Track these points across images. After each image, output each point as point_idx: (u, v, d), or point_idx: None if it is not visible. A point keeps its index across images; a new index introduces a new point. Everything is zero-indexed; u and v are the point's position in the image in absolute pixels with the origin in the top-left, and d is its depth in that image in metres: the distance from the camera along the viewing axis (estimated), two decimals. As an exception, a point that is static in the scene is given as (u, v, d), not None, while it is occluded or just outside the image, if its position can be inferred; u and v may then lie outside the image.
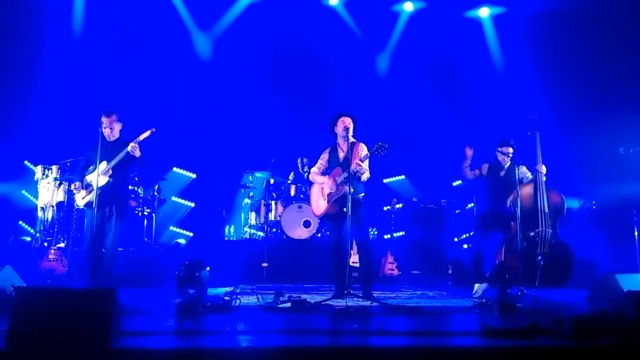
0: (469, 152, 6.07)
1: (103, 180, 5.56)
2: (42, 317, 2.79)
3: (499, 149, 5.93)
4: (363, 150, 5.37)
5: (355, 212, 5.19)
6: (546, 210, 5.44)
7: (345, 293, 5.01)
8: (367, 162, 5.27)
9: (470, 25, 10.00)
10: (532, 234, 5.37)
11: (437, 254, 8.07)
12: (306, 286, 6.92)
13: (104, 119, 5.71)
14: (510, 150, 5.89)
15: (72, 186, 5.88)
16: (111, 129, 5.70)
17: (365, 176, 5.32)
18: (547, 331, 3.23)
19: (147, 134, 5.67)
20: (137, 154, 5.56)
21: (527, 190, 5.52)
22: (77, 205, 6.15)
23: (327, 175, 5.50)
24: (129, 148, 5.52)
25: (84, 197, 5.69)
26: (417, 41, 9.93)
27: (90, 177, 5.65)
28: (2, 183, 8.42)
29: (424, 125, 9.64)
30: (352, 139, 5.39)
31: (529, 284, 5.07)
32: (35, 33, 8.83)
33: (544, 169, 5.64)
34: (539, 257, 5.22)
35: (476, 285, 5.77)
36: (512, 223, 5.51)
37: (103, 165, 5.58)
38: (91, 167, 5.64)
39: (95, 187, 5.44)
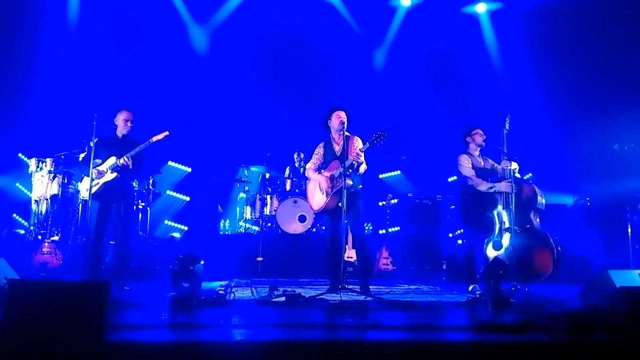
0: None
1: (111, 175, 5.60)
2: (35, 309, 2.78)
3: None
4: (358, 142, 5.38)
5: (353, 204, 5.19)
6: (512, 207, 5.38)
7: (339, 287, 5.01)
8: (363, 154, 5.28)
9: (467, 21, 10.01)
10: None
11: (431, 249, 8.09)
12: (301, 280, 6.92)
13: (125, 114, 5.75)
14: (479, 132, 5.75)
15: (83, 182, 5.83)
16: (131, 123, 5.75)
17: (363, 168, 5.32)
18: (541, 326, 3.24)
19: (161, 136, 5.72)
20: (130, 166, 5.59)
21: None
22: (82, 197, 6.14)
23: (324, 171, 5.49)
24: (121, 161, 5.54)
25: (89, 188, 5.66)
26: (414, 36, 9.92)
27: (99, 169, 5.66)
28: (-4, 176, 8.39)
29: (420, 121, 9.65)
30: (345, 133, 5.39)
31: (511, 280, 5.07)
32: (30, 26, 8.76)
33: (514, 165, 5.53)
34: (513, 253, 5.22)
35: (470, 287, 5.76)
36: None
37: (112, 160, 5.59)
38: (98, 160, 5.62)
39: (88, 182, 5.43)
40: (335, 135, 5.51)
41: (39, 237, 7.04)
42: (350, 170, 5.21)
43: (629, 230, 7.02)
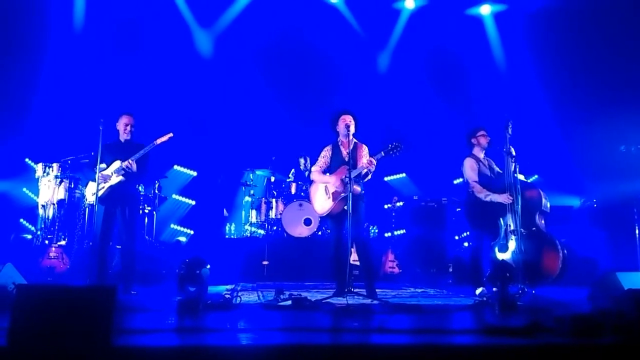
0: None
1: (116, 179, 5.62)
2: (43, 314, 2.79)
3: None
4: (366, 151, 5.40)
5: (356, 208, 5.20)
6: (518, 209, 5.37)
7: (345, 291, 5.01)
8: (376, 163, 5.30)
9: (472, 23, 10.00)
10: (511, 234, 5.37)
11: (437, 252, 8.06)
12: (307, 284, 6.92)
13: (126, 118, 5.78)
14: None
15: (89, 187, 5.86)
16: (131, 127, 5.78)
17: (369, 176, 5.36)
18: (548, 329, 3.23)
19: (165, 138, 5.75)
20: (134, 169, 5.62)
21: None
22: (88, 201, 6.16)
23: (332, 174, 5.49)
24: (125, 164, 5.57)
25: (95, 192, 5.67)
26: (418, 39, 9.92)
27: (104, 174, 5.68)
28: (3, 181, 8.43)
29: (425, 123, 9.63)
30: (353, 140, 5.40)
31: (518, 283, 5.05)
32: (35, 30, 8.82)
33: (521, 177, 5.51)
34: (519, 256, 5.21)
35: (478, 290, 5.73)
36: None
37: (116, 164, 5.61)
38: (102, 165, 5.64)
39: (94, 186, 5.45)
40: (342, 139, 5.52)
41: (46, 241, 7.07)
42: (360, 179, 5.27)
43: (636, 231, 6.99)
